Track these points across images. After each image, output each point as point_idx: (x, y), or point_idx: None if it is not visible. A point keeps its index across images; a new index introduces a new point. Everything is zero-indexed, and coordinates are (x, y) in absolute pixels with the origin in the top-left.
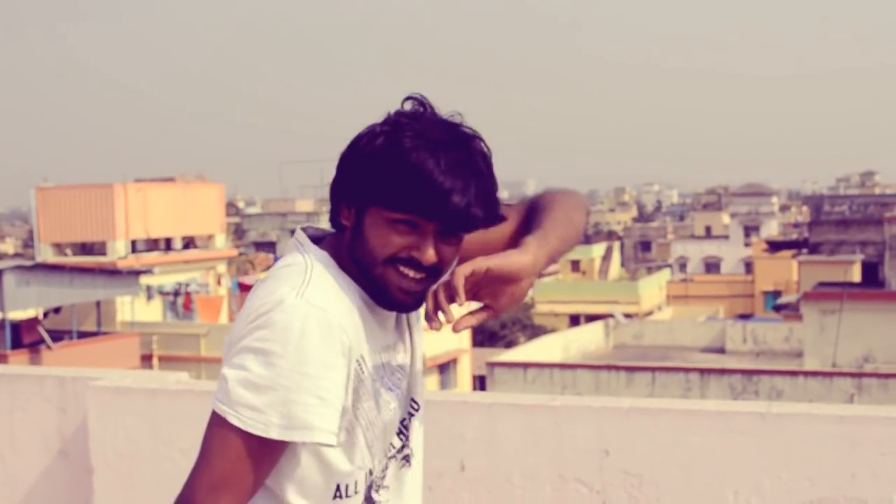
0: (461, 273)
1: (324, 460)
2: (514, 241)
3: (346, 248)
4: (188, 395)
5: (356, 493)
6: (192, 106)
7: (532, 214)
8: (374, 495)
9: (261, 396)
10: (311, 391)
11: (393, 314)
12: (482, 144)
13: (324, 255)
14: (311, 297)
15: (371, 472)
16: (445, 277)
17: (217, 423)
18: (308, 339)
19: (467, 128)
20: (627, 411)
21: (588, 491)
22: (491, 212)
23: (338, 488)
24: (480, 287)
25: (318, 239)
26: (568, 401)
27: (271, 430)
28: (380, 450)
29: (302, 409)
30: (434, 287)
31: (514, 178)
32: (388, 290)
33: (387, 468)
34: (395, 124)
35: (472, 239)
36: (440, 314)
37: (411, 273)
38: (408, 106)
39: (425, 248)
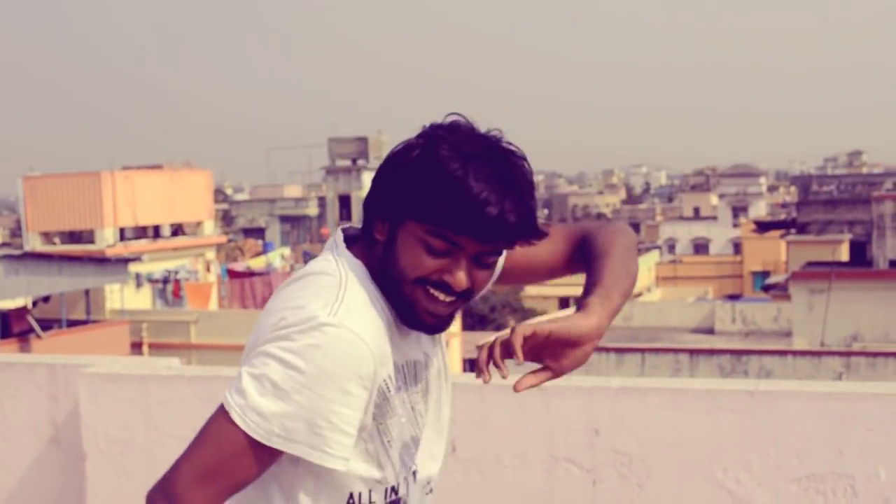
0: (521, 333)
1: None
2: (564, 267)
3: (377, 260)
4: (179, 381)
5: None
6: (179, 92)
7: (589, 253)
8: None
9: (271, 405)
10: (323, 414)
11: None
12: (522, 160)
13: (357, 264)
14: (343, 319)
15: (395, 492)
16: (503, 334)
17: (222, 415)
18: (332, 363)
19: (507, 143)
20: (617, 391)
21: (579, 470)
22: (528, 225)
23: (350, 497)
24: (542, 348)
25: (353, 239)
26: (557, 381)
27: (273, 440)
28: (403, 468)
29: (308, 428)
30: (491, 341)
31: None
32: (416, 311)
33: (408, 492)
34: (431, 137)
35: (516, 256)
36: (494, 369)
37: (441, 296)
38: (446, 121)
39: (457, 271)
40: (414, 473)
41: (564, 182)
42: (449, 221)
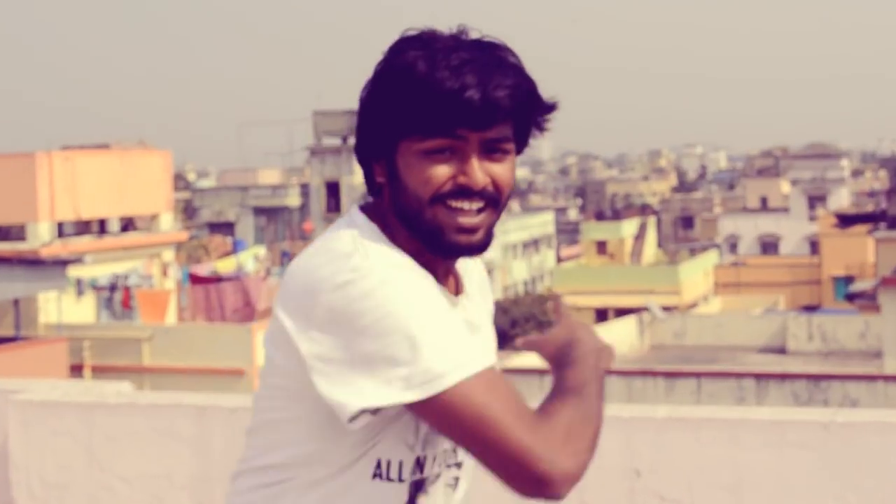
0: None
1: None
2: None
3: (390, 209)
4: (131, 410)
5: (400, 479)
6: (130, 57)
7: None
8: (419, 497)
9: (433, 350)
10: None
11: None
12: (500, 44)
13: (371, 226)
14: (377, 258)
15: (421, 466)
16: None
17: (456, 400)
18: (407, 289)
19: (481, 36)
20: (663, 422)
21: None
22: (521, 98)
23: (378, 465)
24: None
25: (368, 210)
26: None
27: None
28: (429, 441)
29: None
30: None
31: None
32: (445, 234)
33: (439, 476)
34: (395, 46)
35: None
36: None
37: (465, 205)
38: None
39: (470, 169)
40: (449, 463)
41: (601, 165)
42: (421, 121)
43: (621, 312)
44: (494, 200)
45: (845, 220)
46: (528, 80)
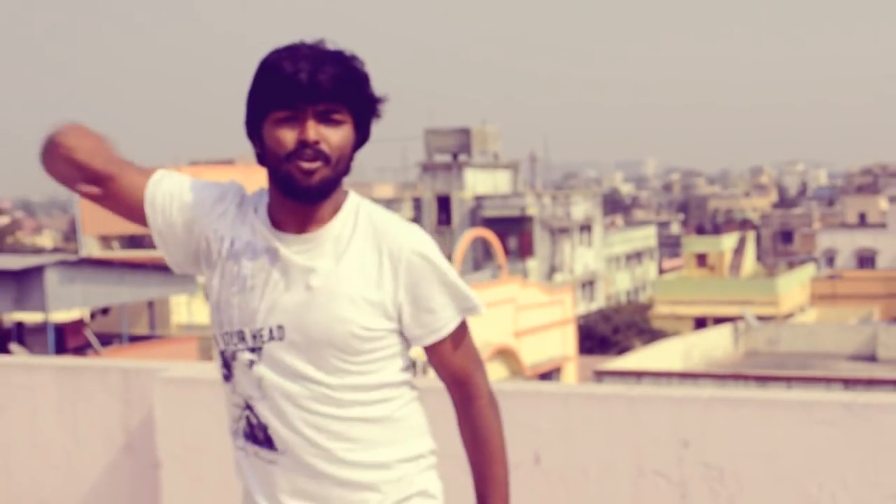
0: None
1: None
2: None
3: (269, 173)
4: None
5: (216, 344)
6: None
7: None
8: (230, 365)
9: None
10: None
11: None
12: (343, 51)
13: (263, 190)
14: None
15: (216, 340)
16: None
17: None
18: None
19: (335, 47)
20: (707, 401)
21: (667, 483)
22: (342, 85)
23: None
24: None
25: None
26: (646, 391)
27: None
28: (217, 322)
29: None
30: None
31: (632, 158)
32: (294, 180)
33: (234, 355)
34: (269, 53)
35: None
36: None
37: (305, 165)
38: None
39: (305, 129)
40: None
41: (704, 182)
42: (272, 98)
43: (719, 321)
44: (326, 157)
45: None
46: (354, 72)
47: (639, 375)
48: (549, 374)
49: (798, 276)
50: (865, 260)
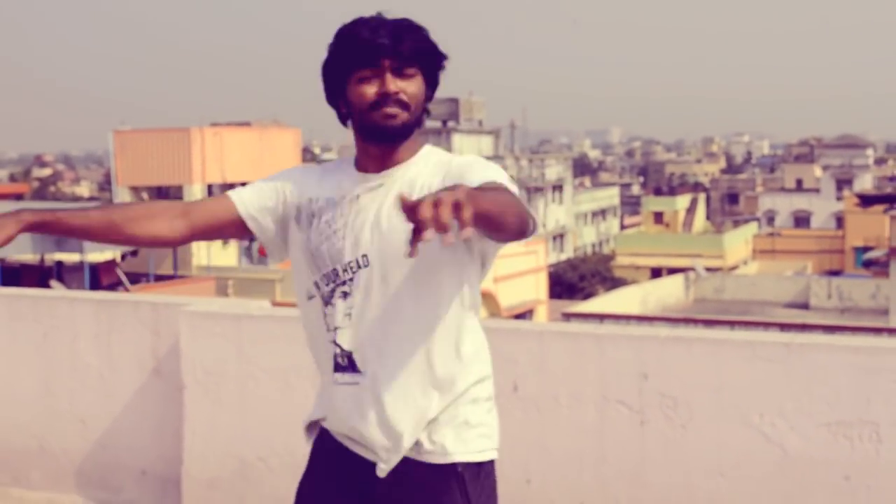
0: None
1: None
2: None
3: (356, 130)
4: (269, 321)
5: (313, 296)
6: (267, 49)
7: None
8: (327, 306)
9: None
10: None
11: (377, 183)
12: (409, 19)
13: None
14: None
15: (317, 286)
16: (451, 195)
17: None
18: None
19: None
20: (664, 339)
21: (628, 411)
22: (403, 44)
23: (307, 290)
24: None
25: None
26: (611, 329)
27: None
28: (314, 269)
29: None
30: (434, 198)
31: (600, 127)
32: (378, 126)
33: (332, 293)
34: (340, 28)
35: None
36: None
37: (389, 110)
38: None
39: (385, 83)
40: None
41: (662, 149)
42: (353, 60)
43: (673, 272)
44: (405, 105)
45: (866, 201)
46: (420, 32)
47: (601, 318)
48: (523, 315)
49: (742, 233)
50: (801, 220)
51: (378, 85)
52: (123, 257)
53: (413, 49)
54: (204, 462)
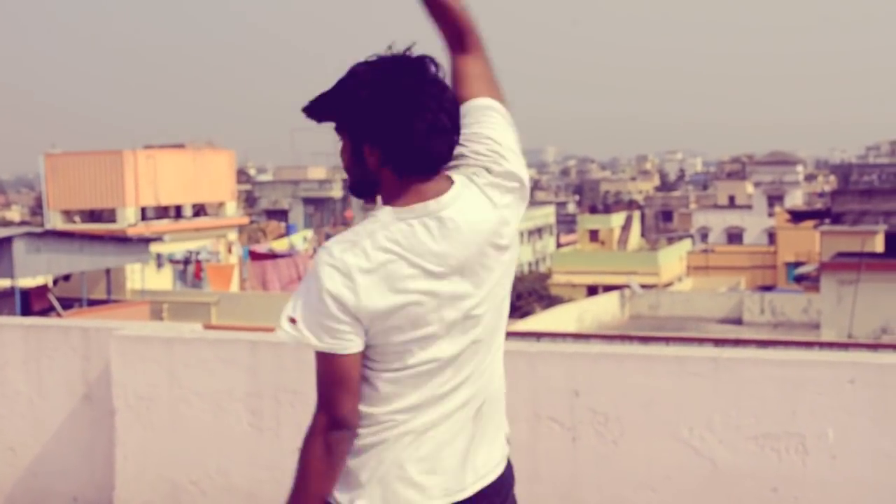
0: None
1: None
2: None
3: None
4: (201, 344)
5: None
6: (202, 71)
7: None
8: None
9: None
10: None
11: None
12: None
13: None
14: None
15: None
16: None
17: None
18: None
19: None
20: (596, 356)
21: (560, 428)
22: (313, 107)
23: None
24: None
25: None
26: (543, 347)
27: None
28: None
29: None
30: None
31: (532, 146)
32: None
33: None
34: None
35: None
36: None
37: None
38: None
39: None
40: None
41: (597, 168)
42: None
43: (609, 289)
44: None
45: (797, 216)
46: (336, 92)
47: (538, 336)
48: None
49: (676, 250)
50: (734, 236)
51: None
52: (55, 282)
53: (311, 114)
54: (136, 487)
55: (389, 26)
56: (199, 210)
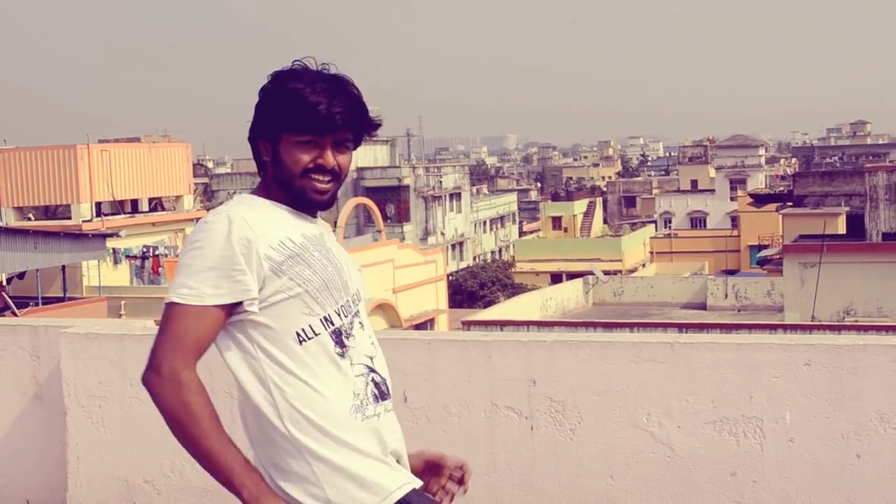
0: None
1: (274, 316)
2: None
3: (271, 179)
4: (153, 339)
5: (316, 335)
6: (157, 60)
7: None
8: (345, 340)
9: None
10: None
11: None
12: (348, 79)
13: (246, 195)
14: (230, 210)
15: (330, 321)
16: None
17: (167, 306)
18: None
19: (336, 72)
20: (552, 344)
21: (518, 417)
22: (353, 118)
23: (297, 335)
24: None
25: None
26: (499, 335)
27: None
28: (328, 302)
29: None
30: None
31: (496, 134)
32: (306, 197)
33: (352, 324)
34: (277, 74)
35: None
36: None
37: (320, 177)
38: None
39: (326, 156)
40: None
41: (559, 154)
42: (294, 122)
43: (573, 276)
44: (337, 176)
45: (759, 200)
46: (362, 104)
47: (501, 325)
48: (423, 325)
49: (640, 235)
50: (697, 221)
51: (316, 154)
52: (9, 280)
53: (354, 121)
54: (89, 487)
55: (349, 6)
56: (156, 204)
